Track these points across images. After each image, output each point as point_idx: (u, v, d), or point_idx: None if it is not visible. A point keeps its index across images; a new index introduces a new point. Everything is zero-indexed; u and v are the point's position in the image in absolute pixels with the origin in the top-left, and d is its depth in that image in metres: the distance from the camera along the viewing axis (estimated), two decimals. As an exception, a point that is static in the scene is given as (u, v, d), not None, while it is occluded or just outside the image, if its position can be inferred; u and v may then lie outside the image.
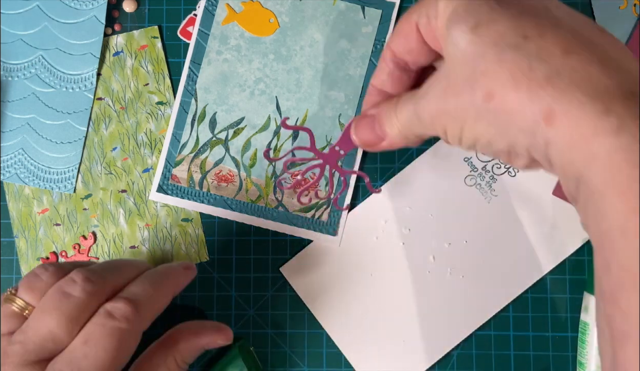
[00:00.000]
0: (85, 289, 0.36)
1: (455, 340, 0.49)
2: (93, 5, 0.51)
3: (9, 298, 0.37)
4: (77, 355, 0.34)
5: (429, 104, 0.33)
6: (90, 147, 0.51)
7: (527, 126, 0.29)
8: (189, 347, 0.43)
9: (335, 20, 0.50)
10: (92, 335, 0.35)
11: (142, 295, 0.38)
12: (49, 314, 0.35)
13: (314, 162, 0.49)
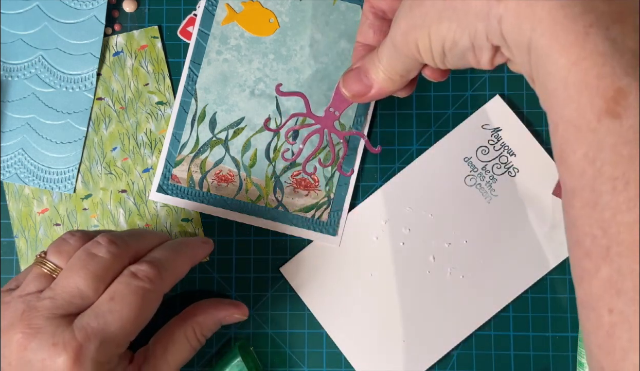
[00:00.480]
0: (110, 251, 0.38)
1: (455, 340, 0.49)
2: (93, 5, 0.51)
3: (38, 260, 0.39)
4: (104, 310, 0.37)
5: (399, 25, 0.36)
6: (90, 147, 0.51)
7: (480, 8, 0.30)
8: (207, 320, 0.45)
9: (335, 20, 0.50)
10: (117, 292, 0.37)
11: (163, 260, 0.40)
12: (77, 272, 0.37)
13: (313, 127, 0.49)
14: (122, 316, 0.37)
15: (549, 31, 0.28)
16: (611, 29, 0.27)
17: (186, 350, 0.44)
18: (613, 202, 0.27)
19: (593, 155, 0.28)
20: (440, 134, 0.51)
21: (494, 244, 0.50)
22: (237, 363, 0.48)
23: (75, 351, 0.35)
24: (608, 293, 0.28)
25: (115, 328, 0.37)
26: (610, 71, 0.27)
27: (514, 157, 0.50)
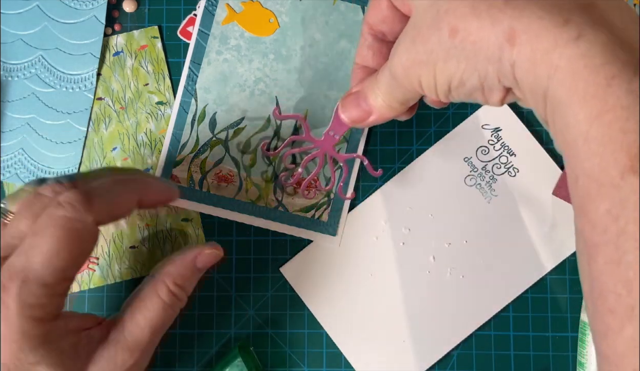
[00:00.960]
0: (54, 190, 0.35)
1: (455, 340, 0.49)
2: (93, 5, 0.51)
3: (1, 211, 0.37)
4: (26, 246, 0.34)
5: (401, 58, 0.34)
6: (90, 147, 0.51)
7: (492, 51, 0.29)
8: (177, 267, 0.41)
9: (335, 20, 0.50)
10: (40, 225, 0.34)
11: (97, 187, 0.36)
12: (21, 213, 0.35)
13: (312, 151, 0.49)
14: (43, 250, 0.33)
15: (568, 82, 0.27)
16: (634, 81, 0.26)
17: (159, 307, 0.39)
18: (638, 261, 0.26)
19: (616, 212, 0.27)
20: (440, 134, 0.51)
21: (494, 244, 0.50)
22: (237, 363, 0.48)
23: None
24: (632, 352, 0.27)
25: (37, 264, 0.33)
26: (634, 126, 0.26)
27: (514, 157, 0.50)
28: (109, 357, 0.37)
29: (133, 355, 0.38)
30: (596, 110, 0.26)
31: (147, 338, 0.38)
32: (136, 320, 0.38)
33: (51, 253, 0.33)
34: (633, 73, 0.26)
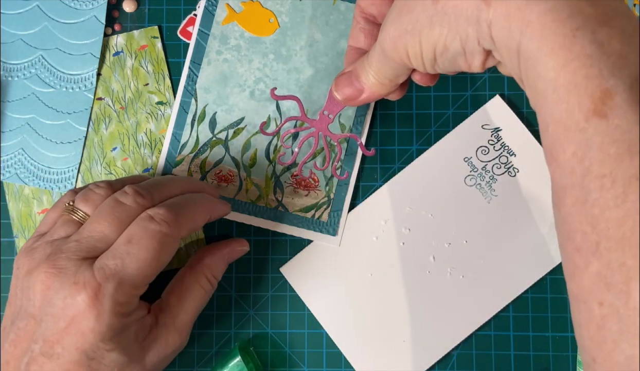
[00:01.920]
0: (136, 201, 0.40)
1: (455, 340, 0.49)
2: (93, 5, 0.51)
3: (67, 208, 0.41)
4: (121, 252, 0.38)
5: (389, 31, 0.36)
6: (90, 147, 0.51)
7: (471, 13, 0.31)
8: (214, 260, 0.46)
9: (335, 20, 0.50)
10: (134, 235, 0.38)
11: (181, 205, 0.41)
12: (103, 218, 0.39)
13: (308, 131, 0.49)
14: (139, 258, 0.38)
15: (538, 34, 0.29)
16: (598, 31, 0.28)
17: (200, 295, 0.45)
18: (601, 199, 0.28)
19: (582, 154, 0.29)
20: (440, 134, 0.51)
21: (494, 244, 0.50)
22: (237, 363, 0.48)
23: (94, 290, 0.37)
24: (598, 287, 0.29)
25: (132, 269, 0.38)
26: (598, 73, 0.28)
27: (514, 157, 0.50)
28: (161, 339, 0.42)
29: (181, 336, 0.43)
30: (563, 59, 0.29)
31: (190, 321, 0.44)
32: (182, 306, 0.43)
33: (146, 262, 0.38)
34: (598, 24, 0.28)
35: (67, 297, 0.37)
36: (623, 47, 0.28)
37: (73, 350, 0.37)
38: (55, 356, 0.37)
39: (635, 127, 0.28)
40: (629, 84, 0.28)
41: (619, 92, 0.28)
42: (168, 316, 0.43)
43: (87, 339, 0.37)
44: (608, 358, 0.29)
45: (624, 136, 0.28)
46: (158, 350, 0.42)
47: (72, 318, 0.37)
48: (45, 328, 0.37)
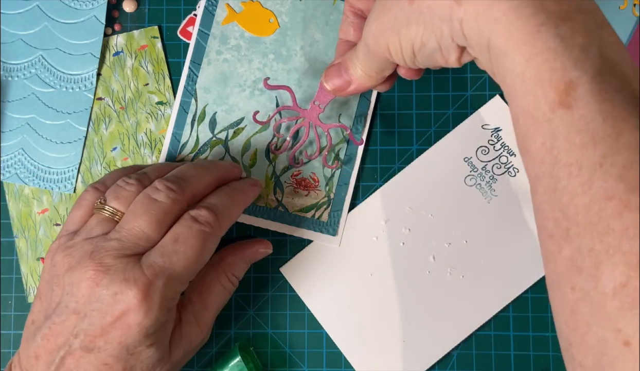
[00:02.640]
0: (169, 196, 0.41)
1: (455, 340, 0.49)
2: (93, 5, 0.51)
3: (99, 207, 0.42)
4: (169, 250, 0.40)
5: (371, 27, 0.38)
6: (90, 147, 0.51)
7: (444, 12, 0.33)
8: (236, 260, 0.47)
9: (335, 20, 0.50)
10: (181, 235, 0.40)
11: (219, 205, 0.43)
12: (140, 216, 0.40)
13: (299, 121, 0.49)
14: (186, 256, 0.40)
15: (505, 31, 0.31)
16: (560, 26, 0.30)
17: (221, 294, 0.46)
18: (570, 186, 0.29)
19: (550, 144, 0.30)
20: (440, 134, 0.51)
21: (494, 244, 0.50)
22: (237, 363, 0.48)
23: (145, 285, 0.38)
24: (570, 271, 0.30)
25: (179, 267, 0.40)
26: (561, 65, 0.29)
27: (514, 157, 0.50)
28: (185, 336, 0.43)
29: (202, 332, 0.45)
30: (528, 53, 0.30)
31: (212, 318, 0.45)
32: (203, 304, 0.45)
33: (192, 260, 0.40)
34: (561, 20, 0.30)
35: (118, 293, 0.38)
36: (585, 41, 0.30)
37: (116, 344, 0.39)
38: (96, 350, 0.39)
39: (598, 117, 0.29)
40: (592, 75, 0.29)
41: (582, 83, 0.29)
42: (190, 313, 0.44)
43: (132, 333, 0.39)
44: (582, 341, 0.29)
45: (588, 125, 0.29)
46: (183, 346, 0.43)
47: (121, 312, 0.38)
48: (89, 323, 0.39)
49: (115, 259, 0.39)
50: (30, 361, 0.40)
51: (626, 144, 0.28)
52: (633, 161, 0.28)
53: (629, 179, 0.28)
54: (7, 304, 0.51)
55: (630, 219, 0.28)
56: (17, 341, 0.51)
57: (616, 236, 0.28)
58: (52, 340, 0.39)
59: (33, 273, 0.51)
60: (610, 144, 0.28)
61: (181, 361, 0.44)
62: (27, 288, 0.51)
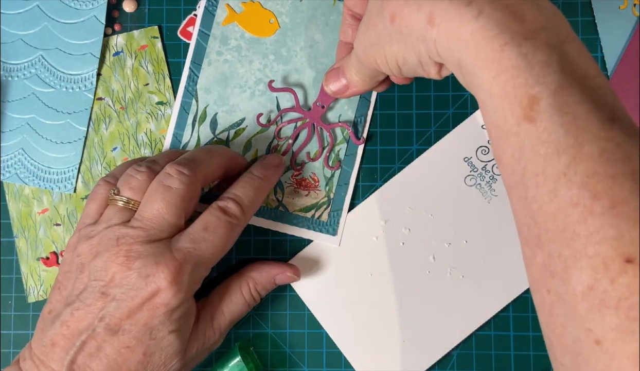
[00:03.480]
0: (182, 181, 0.43)
1: (455, 340, 0.49)
2: (93, 5, 0.51)
3: (113, 197, 0.44)
4: (198, 237, 0.42)
5: (360, 41, 0.40)
6: (90, 147, 0.51)
7: (420, 32, 0.35)
8: (262, 276, 0.48)
9: (336, 21, 0.50)
10: (210, 224, 0.43)
11: (245, 198, 0.45)
12: (158, 203, 0.42)
13: (302, 122, 0.50)
14: (214, 244, 0.42)
15: (473, 51, 0.32)
16: (523, 45, 0.31)
17: (240, 303, 0.47)
18: (538, 195, 0.31)
19: (518, 155, 0.32)
20: (440, 134, 0.51)
21: (494, 244, 0.50)
22: (237, 363, 0.48)
23: (176, 268, 0.41)
24: (544, 275, 0.31)
25: (207, 253, 0.42)
26: (524, 82, 0.31)
27: (513, 157, 0.50)
28: (200, 334, 0.45)
29: (216, 335, 0.46)
30: (494, 71, 0.32)
31: (227, 323, 0.46)
32: (221, 307, 0.46)
33: (218, 248, 0.43)
34: (523, 39, 0.31)
35: (150, 275, 0.40)
36: (547, 57, 0.31)
37: (141, 326, 0.40)
38: (120, 332, 0.40)
39: (560, 129, 0.30)
40: (553, 90, 0.31)
41: (544, 97, 0.30)
42: (209, 314, 0.46)
43: (158, 314, 0.40)
44: (560, 342, 0.31)
45: (551, 137, 0.30)
46: (197, 343, 0.44)
47: (151, 294, 0.40)
48: (116, 307, 0.40)
49: (144, 244, 0.41)
50: (46, 349, 0.41)
51: (588, 153, 0.30)
52: (595, 169, 0.29)
53: (592, 186, 0.29)
54: (7, 305, 0.51)
55: (594, 224, 0.29)
56: (17, 341, 0.51)
57: (582, 241, 0.29)
58: (74, 326, 0.41)
59: (33, 273, 0.51)
60: (573, 154, 0.30)
61: (193, 360, 0.45)
62: (27, 288, 0.51)
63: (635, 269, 0.28)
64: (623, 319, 0.28)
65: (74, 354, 0.40)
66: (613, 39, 0.50)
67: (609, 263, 0.28)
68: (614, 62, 0.50)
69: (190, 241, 0.42)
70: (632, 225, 0.28)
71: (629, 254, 0.28)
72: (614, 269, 0.28)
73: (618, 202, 0.29)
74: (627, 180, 0.29)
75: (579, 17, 0.51)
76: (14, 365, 0.43)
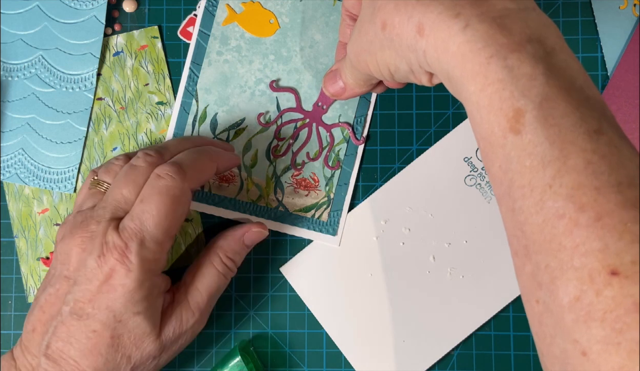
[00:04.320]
0: (146, 161, 0.43)
1: (455, 340, 0.49)
2: (93, 5, 0.51)
3: (93, 183, 0.45)
4: (137, 211, 0.41)
5: (352, 46, 0.41)
6: (90, 147, 0.51)
7: (410, 42, 0.35)
8: (229, 242, 0.47)
9: (336, 21, 0.50)
10: (145, 194, 0.42)
11: (186, 159, 0.44)
12: (121, 182, 0.43)
13: (302, 122, 0.50)
14: (155, 214, 0.41)
15: (460, 63, 0.33)
16: (509, 58, 0.31)
17: (214, 275, 0.46)
18: (524, 206, 0.31)
19: (505, 167, 0.32)
20: (440, 134, 0.51)
21: (494, 244, 0.50)
22: (237, 363, 0.48)
23: (121, 248, 0.40)
24: (533, 286, 0.31)
25: (150, 226, 0.41)
26: (509, 94, 0.31)
27: (513, 157, 0.50)
28: (176, 316, 0.44)
29: (194, 314, 0.45)
30: (480, 84, 0.32)
31: (205, 301, 0.45)
32: (195, 286, 0.45)
33: (160, 216, 0.41)
34: (509, 51, 0.31)
35: (100, 257, 0.40)
36: (532, 70, 0.31)
37: (104, 309, 0.40)
38: (85, 317, 0.40)
39: (545, 141, 0.30)
40: (538, 103, 0.31)
41: (529, 110, 0.31)
42: (183, 294, 0.45)
43: (118, 296, 0.40)
44: (549, 351, 0.31)
45: (537, 149, 0.30)
46: (173, 325, 0.43)
47: (105, 275, 0.40)
48: (78, 290, 0.41)
49: (99, 224, 0.41)
50: (28, 335, 0.42)
51: (573, 166, 0.30)
52: (580, 181, 0.30)
53: (577, 198, 0.29)
54: (7, 305, 0.51)
55: (580, 236, 0.29)
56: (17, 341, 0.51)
57: (568, 253, 0.29)
58: (47, 311, 0.42)
59: (33, 273, 0.51)
60: (558, 166, 0.30)
61: (174, 342, 0.44)
62: (27, 288, 0.51)
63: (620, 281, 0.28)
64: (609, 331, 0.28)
65: (49, 339, 0.41)
66: (613, 39, 0.50)
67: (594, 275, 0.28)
68: (614, 62, 0.50)
69: (130, 218, 0.41)
70: (618, 237, 0.28)
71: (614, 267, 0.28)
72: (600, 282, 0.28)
73: (603, 214, 0.29)
74: (612, 192, 0.29)
75: (579, 17, 0.51)
76: (9, 352, 0.44)
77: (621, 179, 0.29)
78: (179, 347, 0.45)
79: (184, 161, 0.43)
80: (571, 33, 0.51)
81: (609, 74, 0.50)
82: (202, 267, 0.46)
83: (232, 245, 0.47)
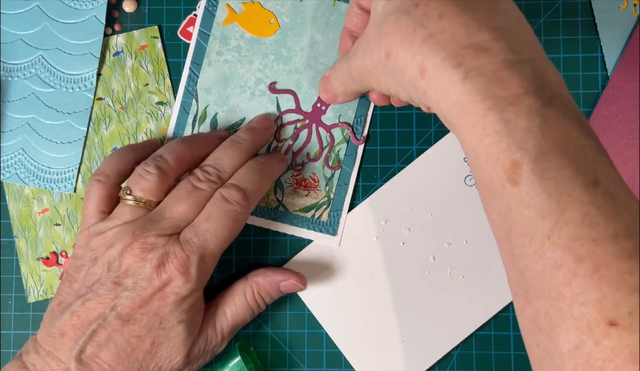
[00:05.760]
0: (210, 186, 0.45)
1: (455, 340, 0.49)
2: (93, 5, 0.51)
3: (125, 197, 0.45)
4: (203, 229, 0.43)
5: (356, 63, 0.41)
6: (90, 147, 0.51)
7: (411, 79, 0.35)
8: (266, 281, 0.48)
9: (336, 21, 0.50)
10: (213, 214, 0.44)
11: (249, 184, 0.45)
12: (184, 201, 0.44)
13: (302, 123, 0.50)
14: (218, 234, 0.43)
15: (458, 113, 0.33)
16: (506, 111, 0.32)
17: (243, 306, 0.47)
18: (524, 254, 0.32)
19: (505, 214, 0.32)
20: (440, 134, 0.51)
21: (494, 245, 0.49)
22: (237, 363, 0.48)
23: (183, 259, 0.42)
24: (533, 330, 0.32)
25: (212, 244, 0.43)
26: (506, 146, 0.32)
27: (513, 157, 0.50)
28: (203, 334, 0.45)
29: (218, 337, 0.46)
30: (478, 135, 0.33)
31: (229, 327, 0.47)
32: (224, 309, 0.47)
33: (223, 238, 0.44)
34: (507, 105, 0.32)
35: (160, 266, 0.42)
36: (529, 123, 0.32)
37: (152, 315, 0.42)
38: (131, 322, 0.42)
39: (542, 193, 0.31)
40: (534, 156, 0.31)
41: (526, 162, 0.31)
42: (212, 314, 0.46)
43: (169, 303, 0.42)
44: None
45: (534, 200, 0.31)
46: (200, 343, 0.45)
47: (163, 283, 0.42)
48: (129, 295, 0.42)
49: (159, 237, 0.42)
50: (54, 340, 0.42)
51: (571, 218, 0.30)
52: (578, 233, 0.30)
53: (575, 250, 0.30)
54: (7, 305, 0.51)
55: (579, 286, 0.30)
56: (17, 341, 0.51)
57: (567, 302, 0.30)
58: (84, 316, 0.42)
59: (33, 273, 0.51)
60: (555, 218, 0.31)
61: (196, 361, 0.45)
62: (27, 288, 0.51)
63: (618, 332, 0.29)
64: None
65: (83, 343, 0.41)
66: (613, 39, 0.50)
67: (593, 325, 0.29)
68: (614, 62, 0.50)
69: (194, 233, 0.43)
70: (615, 288, 0.29)
71: (612, 318, 0.29)
72: (598, 332, 0.29)
73: (601, 265, 0.30)
74: (609, 243, 0.30)
75: (579, 17, 0.51)
76: (17, 359, 0.43)
77: (618, 229, 0.30)
78: (197, 366, 0.46)
79: (248, 188, 0.45)
80: (571, 33, 0.51)
81: (609, 74, 0.50)
82: (235, 294, 0.47)
83: (267, 287, 0.48)
